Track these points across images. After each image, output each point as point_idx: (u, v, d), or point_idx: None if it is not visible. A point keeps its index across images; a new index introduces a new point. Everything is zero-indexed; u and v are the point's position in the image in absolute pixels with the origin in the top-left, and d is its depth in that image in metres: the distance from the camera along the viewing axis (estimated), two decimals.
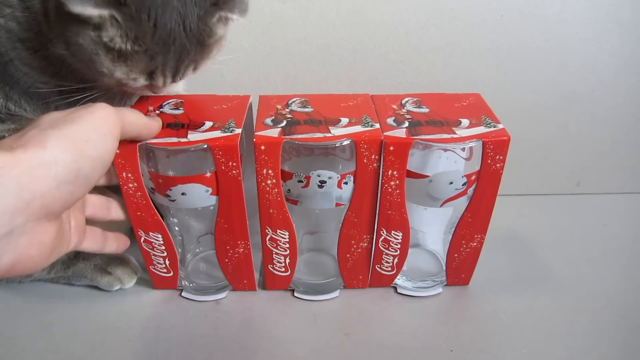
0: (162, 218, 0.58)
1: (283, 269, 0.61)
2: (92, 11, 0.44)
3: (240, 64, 0.74)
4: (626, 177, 0.85)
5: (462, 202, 0.56)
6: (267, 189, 0.54)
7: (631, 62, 0.75)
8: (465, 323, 0.59)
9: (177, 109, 0.57)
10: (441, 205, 0.56)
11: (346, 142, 0.52)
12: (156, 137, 0.52)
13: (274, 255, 0.60)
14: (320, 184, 0.54)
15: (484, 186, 0.55)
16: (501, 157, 0.53)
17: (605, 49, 0.74)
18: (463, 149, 0.54)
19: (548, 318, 0.60)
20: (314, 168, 0.53)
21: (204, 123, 0.54)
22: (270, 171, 0.53)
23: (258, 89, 0.63)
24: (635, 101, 0.78)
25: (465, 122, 0.54)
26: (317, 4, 0.71)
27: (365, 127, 0.53)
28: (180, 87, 0.58)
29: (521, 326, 0.59)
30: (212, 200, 0.55)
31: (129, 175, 0.53)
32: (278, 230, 0.57)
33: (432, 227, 0.66)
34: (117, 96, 0.58)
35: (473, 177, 0.54)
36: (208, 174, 0.53)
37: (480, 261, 0.62)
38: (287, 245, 0.59)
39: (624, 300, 0.63)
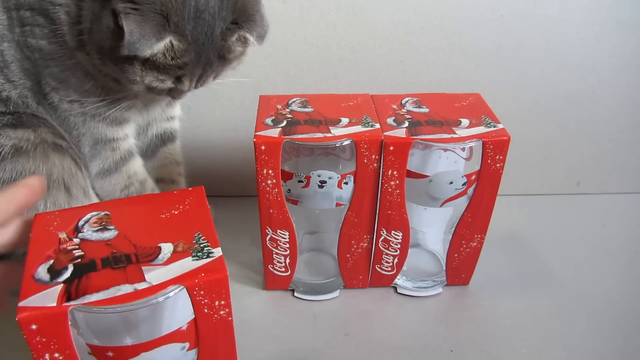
0: None
1: (283, 269, 0.61)
2: (158, 46, 0.46)
3: (240, 64, 0.74)
4: (626, 177, 0.85)
5: (462, 202, 0.56)
6: (267, 189, 0.54)
7: (631, 62, 0.75)
8: (465, 323, 0.59)
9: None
10: (441, 205, 0.56)
11: (346, 142, 0.52)
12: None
13: (274, 255, 0.60)
14: (320, 184, 0.54)
15: (484, 186, 0.55)
16: (501, 157, 0.53)
17: (605, 49, 0.74)
18: (463, 149, 0.54)
19: (548, 318, 0.60)
20: (314, 168, 0.53)
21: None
22: (270, 171, 0.53)
23: (258, 89, 0.63)
24: (635, 101, 0.78)
25: (465, 122, 0.54)
26: (317, 4, 0.71)
27: (366, 127, 0.53)
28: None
29: (521, 326, 0.59)
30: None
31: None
32: (278, 230, 0.57)
33: (432, 227, 0.66)
34: (138, 105, 0.61)
35: (473, 177, 0.54)
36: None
37: (480, 261, 0.62)
38: (287, 245, 0.59)
39: (624, 300, 0.63)
